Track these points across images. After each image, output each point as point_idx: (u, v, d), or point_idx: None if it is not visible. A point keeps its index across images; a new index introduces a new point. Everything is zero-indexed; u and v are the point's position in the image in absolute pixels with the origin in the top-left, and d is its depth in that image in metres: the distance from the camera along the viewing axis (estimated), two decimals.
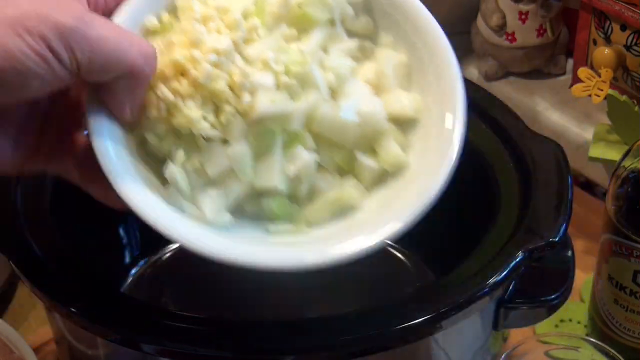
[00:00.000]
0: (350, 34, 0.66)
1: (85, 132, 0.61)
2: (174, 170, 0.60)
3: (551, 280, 0.77)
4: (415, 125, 0.64)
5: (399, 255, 0.96)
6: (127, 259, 0.94)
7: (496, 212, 0.78)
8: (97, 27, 0.54)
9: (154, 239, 0.60)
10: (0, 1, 0.53)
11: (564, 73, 1.13)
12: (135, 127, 0.60)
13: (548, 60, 1.12)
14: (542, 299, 0.76)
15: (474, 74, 1.14)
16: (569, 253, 0.79)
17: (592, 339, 0.78)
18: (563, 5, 1.10)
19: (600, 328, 0.90)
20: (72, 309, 0.69)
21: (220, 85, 0.58)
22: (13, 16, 0.52)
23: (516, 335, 0.88)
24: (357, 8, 0.66)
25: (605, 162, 1.02)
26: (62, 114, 0.63)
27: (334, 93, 0.63)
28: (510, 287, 0.75)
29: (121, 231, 0.93)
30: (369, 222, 0.61)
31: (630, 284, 0.85)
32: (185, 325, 0.67)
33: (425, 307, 0.68)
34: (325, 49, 0.64)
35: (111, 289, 0.75)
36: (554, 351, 0.78)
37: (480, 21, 1.12)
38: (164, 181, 0.61)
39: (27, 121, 0.61)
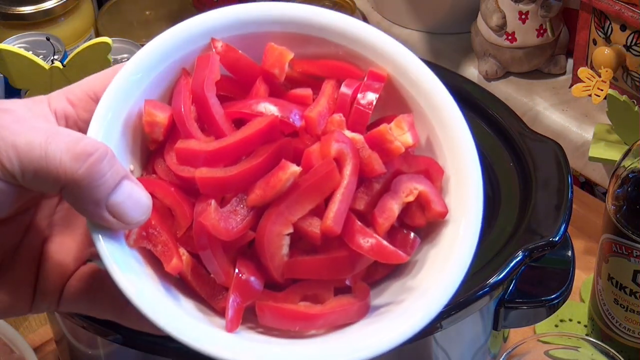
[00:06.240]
0: None
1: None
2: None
3: (551, 280, 0.77)
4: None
5: None
6: None
7: (496, 211, 0.78)
8: (25, 133, 0.50)
9: None
10: None
11: (564, 73, 1.13)
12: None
13: (548, 60, 1.12)
14: (542, 299, 0.76)
15: (474, 74, 1.14)
16: (569, 253, 0.79)
17: (592, 339, 0.78)
18: (563, 5, 1.10)
19: (600, 328, 0.90)
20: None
21: None
22: None
23: (516, 335, 0.88)
24: None
25: (605, 162, 1.02)
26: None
27: None
28: (510, 287, 0.75)
29: None
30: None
31: (630, 284, 0.85)
32: None
33: None
34: None
35: None
36: (554, 351, 0.78)
37: (480, 21, 1.12)
38: None
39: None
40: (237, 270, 0.55)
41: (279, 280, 0.56)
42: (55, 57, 1.03)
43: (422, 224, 0.58)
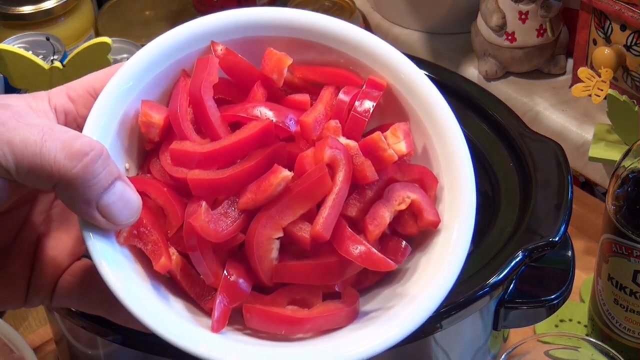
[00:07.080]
0: None
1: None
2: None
3: (551, 280, 0.77)
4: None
5: None
6: None
7: (496, 212, 0.78)
8: (22, 130, 0.50)
9: None
10: None
11: (564, 73, 1.13)
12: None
13: (548, 60, 1.12)
14: (542, 299, 0.76)
15: (474, 74, 1.14)
16: (569, 253, 0.79)
17: (592, 339, 0.78)
18: (563, 5, 1.10)
19: (600, 328, 0.90)
20: (72, 309, 0.69)
21: None
22: None
23: (516, 335, 0.88)
24: None
25: (605, 162, 1.02)
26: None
27: None
28: (510, 287, 0.75)
29: None
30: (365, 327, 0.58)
31: (630, 284, 0.85)
32: None
33: None
34: None
35: None
36: (554, 351, 0.78)
37: (480, 21, 1.12)
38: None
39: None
40: (225, 272, 0.55)
41: (267, 284, 0.55)
42: (55, 57, 1.03)
43: (414, 232, 0.58)
